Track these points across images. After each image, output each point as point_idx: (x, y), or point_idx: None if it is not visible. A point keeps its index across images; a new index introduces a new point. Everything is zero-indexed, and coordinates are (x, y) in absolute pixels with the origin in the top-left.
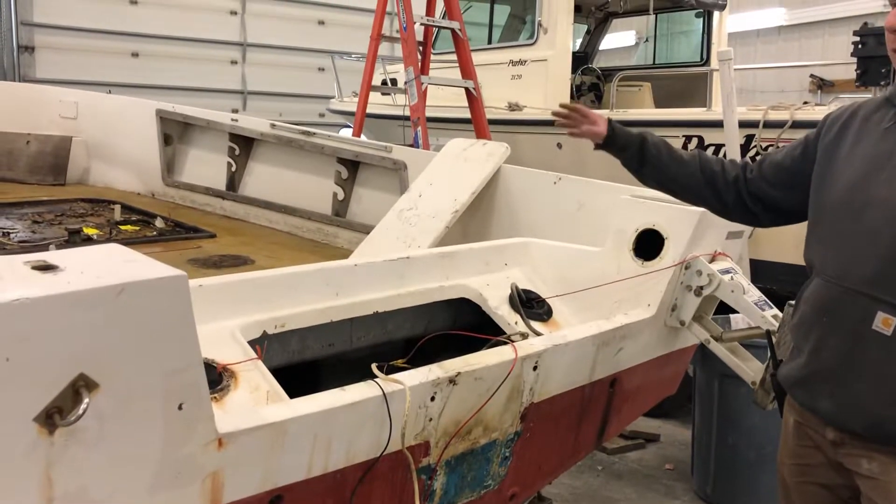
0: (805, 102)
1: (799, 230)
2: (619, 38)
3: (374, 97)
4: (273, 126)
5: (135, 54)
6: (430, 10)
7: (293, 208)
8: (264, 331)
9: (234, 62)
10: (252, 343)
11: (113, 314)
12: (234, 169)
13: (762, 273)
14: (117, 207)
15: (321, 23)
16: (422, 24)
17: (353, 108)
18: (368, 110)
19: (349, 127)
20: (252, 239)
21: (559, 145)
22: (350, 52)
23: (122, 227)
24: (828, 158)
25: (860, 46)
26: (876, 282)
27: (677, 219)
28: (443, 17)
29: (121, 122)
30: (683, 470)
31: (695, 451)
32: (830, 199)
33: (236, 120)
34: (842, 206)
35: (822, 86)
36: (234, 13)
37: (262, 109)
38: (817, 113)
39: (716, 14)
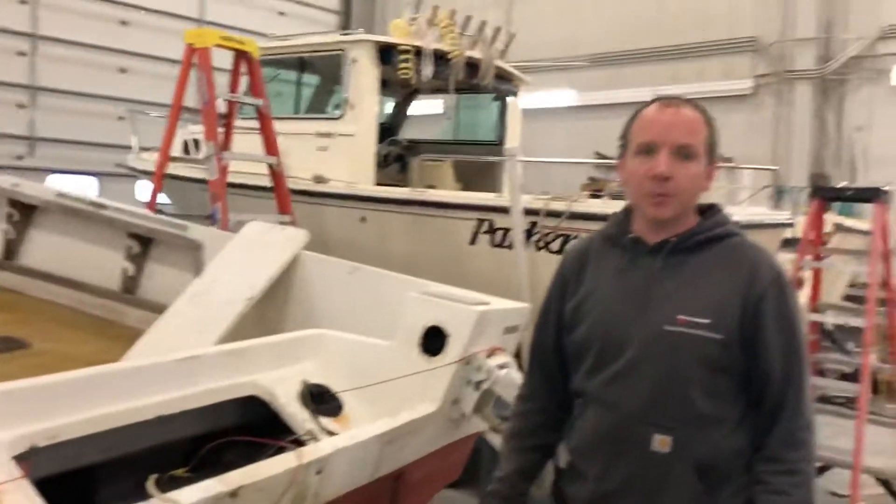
0: (591, 177)
1: None
2: (429, 105)
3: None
4: (60, 195)
5: None
6: (234, 86)
7: (78, 282)
8: (31, 445)
9: (21, 105)
10: (19, 458)
11: None
12: (11, 236)
13: None
14: None
15: (123, 70)
16: (224, 99)
17: (150, 168)
18: (170, 170)
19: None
20: (29, 316)
21: (363, 219)
22: (152, 104)
23: None
24: (575, 298)
25: None
26: (646, 408)
27: (459, 316)
28: (247, 94)
29: None
30: None
31: None
32: (589, 336)
33: (17, 185)
34: (601, 343)
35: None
36: (22, 54)
37: (53, 157)
38: (591, 206)
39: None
